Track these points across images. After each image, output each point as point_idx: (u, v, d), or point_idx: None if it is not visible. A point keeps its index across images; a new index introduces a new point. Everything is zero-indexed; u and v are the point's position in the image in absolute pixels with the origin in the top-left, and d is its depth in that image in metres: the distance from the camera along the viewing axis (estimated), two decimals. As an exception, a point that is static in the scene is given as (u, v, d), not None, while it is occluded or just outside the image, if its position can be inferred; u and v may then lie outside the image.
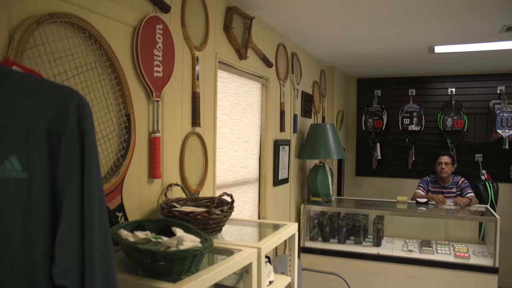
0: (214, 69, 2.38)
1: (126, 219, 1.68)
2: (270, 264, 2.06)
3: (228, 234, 1.94)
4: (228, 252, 1.55)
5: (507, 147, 4.81)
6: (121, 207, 1.65)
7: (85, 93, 1.51)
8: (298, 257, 3.86)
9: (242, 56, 2.67)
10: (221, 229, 1.84)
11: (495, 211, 4.30)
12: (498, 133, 4.83)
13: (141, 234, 1.38)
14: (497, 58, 4.36)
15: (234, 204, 1.87)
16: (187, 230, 1.47)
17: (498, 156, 5.05)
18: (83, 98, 0.94)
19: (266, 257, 1.90)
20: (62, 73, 1.42)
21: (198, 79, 2.18)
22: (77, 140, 0.92)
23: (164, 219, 1.67)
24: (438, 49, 3.92)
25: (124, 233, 1.36)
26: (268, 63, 3.08)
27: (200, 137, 2.24)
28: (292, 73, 3.64)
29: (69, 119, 0.91)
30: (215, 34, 2.39)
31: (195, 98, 2.16)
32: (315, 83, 4.33)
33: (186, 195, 2.08)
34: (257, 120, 3.11)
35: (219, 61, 2.44)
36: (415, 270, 3.65)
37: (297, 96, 3.76)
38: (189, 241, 1.32)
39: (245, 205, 2.96)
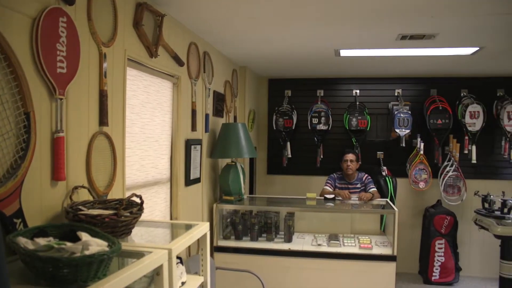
0: (123, 66, 2.30)
1: (25, 225, 1.56)
2: (182, 264, 2.04)
3: (138, 236, 1.89)
4: (138, 255, 1.51)
5: (403, 145, 5.23)
6: (19, 213, 1.53)
7: (-24, 89, 1.38)
8: (212, 256, 3.86)
9: (152, 54, 2.61)
10: (131, 231, 1.78)
11: (394, 204, 4.66)
12: (396, 132, 5.22)
13: (42, 241, 1.29)
14: (395, 63, 4.72)
15: (145, 205, 1.83)
16: (93, 234, 1.41)
17: (396, 154, 5.47)
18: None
19: (178, 258, 1.88)
20: None
21: (106, 76, 2.09)
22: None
23: (69, 223, 1.58)
24: (343, 53, 4.15)
25: (23, 240, 1.26)
26: (179, 62, 3.04)
27: (108, 137, 2.15)
28: (204, 72, 3.63)
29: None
30: (124, 30, 2.31)
31: (102, 97, 2.07)
32: (227, 83, 4.36)
33: (94, 197, 1.99)
34: (168, 120, 3.06)
35: (128, 59, 2.36)
36: (324, 263, 3.83)
37: (209, 95, 3.76)
38: (95, 245, 1.26)
39: (156, 206, 2.90)
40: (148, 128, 2.74)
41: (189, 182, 3.34)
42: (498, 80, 5.31)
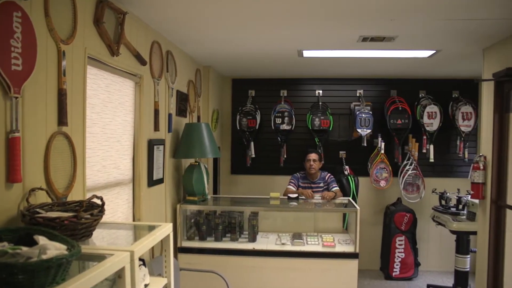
0: (83, 65, 2.24)
1: (-22, 229, 1.49)
2: (145, 266, 2.00)
3: (99, 239, 1.84)
4: (99, 258, 1.47)
5: (365, 144, 5.34)
6: (-29, 217, 1.47)
7: None
8: (176, 257, 3.82)
9: (114, 52, 2.56)
10: (92, 234, 1.74)
11: (356, 202, 4.75)
12: (358, 132, 5.33)
13: (-4, 246, 1.24)
14: (357, 64, 4.82)
15: (106, 207, 1.79)
16: (52, 238, 1.36)
17: (358, 153, 5.58)
18: None
19: (141, 260, 1.85)
20: None
21: (64, 75, 2.03)
22: None
23: (25, 227, 1.53)
24: (306, 53, 4.20)
25: (-25, 246, 1.21)
26: (142, 61, 2.99)
27: (67, 137, 2.08)
28: (167, 71, 3.58)
29: None
30: (84, 27, 2.25)
31: (61, 96, 2.01)
32: (190, 82, 4.32)
33: (52, 199, 1.93)
34: (130, 119, 3.00)
35: (88, 57, 2.30)
36: (288, 262, 3.86)
37: (172, 95, 3.72)
38: (53, 249, 1.22)
39: (118, 208, 2.84)
40: (109, 128, 2.68)
41: (152, 182, 3.29)
42: (453, 82, 5.51)
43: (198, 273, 3.66)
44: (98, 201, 1.79)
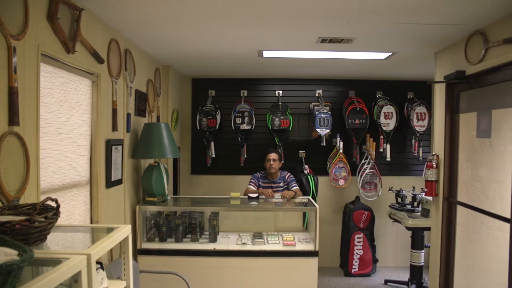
0: (36, 62, 2.16)
1: None
2: (103, 270, 1.95)
3: (55, 243, 1.78)
4: (54, 262, 1.42)
5: (324, 144, 5.43)
6: None
7: None
8: (135, 259, 3.75)
9: (69, 49, 2.48)
10: (46, 238, 1.68)
11: (315, 201, 4.83)
12: (317, 131, 5.41)
13: None
14: (316, 65, 4.89)
15: (62, 209, 1.73)
16: (1, 243, 1.30)
17: (317, 152, 5.67)
18: None
19: (98, 263, 1.80)
20: None
21: (16, 72, 1.95)
22: None
23: (-26, 232, 1.45)
24: (266, 53, 4.22)
25: None
26: (99, 59, 2.91)
27: (19, 137, 2.00)
28: (125, 70, 3.51)
29: None
30: (37, 23, 2.17)
31: (12, 94, 1.93)
32: (149, 82, 4.25)
33: (3, 202, 1.85)
34: (87, 119, 2.92)
35: (42, 54, 2.21)
36: (249, 261, 3.87)
37: (131, 94, 3.65)
38: (3, 255, 1.17)
39: (75, 210, 2.76)
40: (65, 128, 2.60)
41: (110, 183, 3.21)
42: (408, 84, 5.69)
43: (158, 275, 3.61)
44: (53, 204, 1.73)
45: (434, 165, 3.81)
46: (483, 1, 2.62)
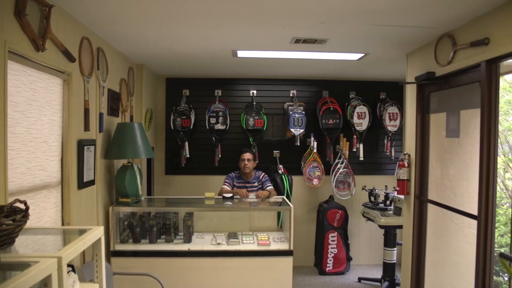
0: (3, 59, 2.09)
1: None
2: (75, 273, 1.91)
3: (23, 246, 1.73)
4: (22, 266, 1.38)
5: (298, 144, 5.46)
6: None
7: None
8: (108, 261, 3.69)
9: (39, 47, 2.41)
10: (14, 241, 1.63)
11: (290, 201, 4.85)
12: (291, 131, 5.44)
13: None
14: (290, 65, 4.92)
15: (32, 211, 1.69)
16: (-32, 246, 1.26)
17: (291, 152, 5.70)
18: None
19: (70, 266, 1.76)
20: None
21: (-18, 70, 1.89)
22: None
23: None
24: (241, 53, 4.22)
25: None
26: (70, 57, 2.85)
27: (-14, 137, 1.94)
28: (98, 69, 3.45)
29: None
30: (3, 19, 2.10)
31: (-21, 93, 1.87)
32: (122, 81, 4.19)
33: (-31, 205, 1.79)
34: (58, 119, 2.86)
35: (9, 51, 2.15)
36: (224, 261, 3.87)
37: (103, 93, 3.59)
38: (-30, 259, 1.13)
39: (46, 212, 2.69)
40: (35, 128, 2.53)
41: (82, 184, 3.15)
42: (381, 84, 5.79)
43: (132, 277, 3.56)
44: (22, 206, 1.69)
45: (406, 164, 3.88)
46: (451, 6, 2.69)
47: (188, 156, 5.53)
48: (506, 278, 3.82)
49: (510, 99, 5.37)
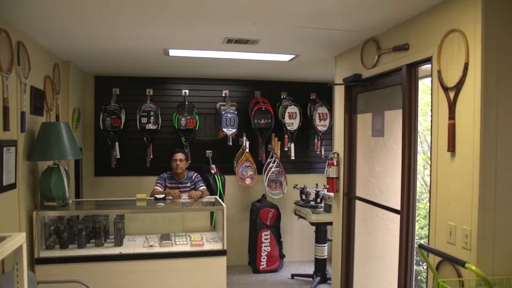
0: None
1: None
2: (-7, 283, 1.80)
3: None
4: None
5: (230, 143, 5.48)
6: None
7: None
8: (32, 270, 3.49)
9: (-49, 40, 2.24)
10: None
11: (223, 200, 4.87)
12: (224, 131, 5.45)
13: None
14: (222, 65, 4.93)
15: None
16: None
17: (224, 152, 5.71)
18: None
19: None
20: None
21: None
22: None
23: None
24: (172, 52, 4.16)
25: None
26: (-13, 52, 2.66)
27: None
28: (19, 65, 3.24)
29: None
30: None
31: None
32: (47, 78, 3.97)
33: None
34: (-27, 118, 2.66)
35: None
36: (157, 264, 3.79)
37: (25, 91, 3.38)
38: None
39: (-41, 218, 2.50)
40: None
41: (1, 188, 2.95)
42: (311, 85, 5.96)
43: (59, 284, 3.39)
44: None
45: (335, 163, 4.03)
46: (374, 11, 2.83)
47: (118, 156, 5.37)
48: (425, 267, 4.09)
49: (428, 101, 5.74)
